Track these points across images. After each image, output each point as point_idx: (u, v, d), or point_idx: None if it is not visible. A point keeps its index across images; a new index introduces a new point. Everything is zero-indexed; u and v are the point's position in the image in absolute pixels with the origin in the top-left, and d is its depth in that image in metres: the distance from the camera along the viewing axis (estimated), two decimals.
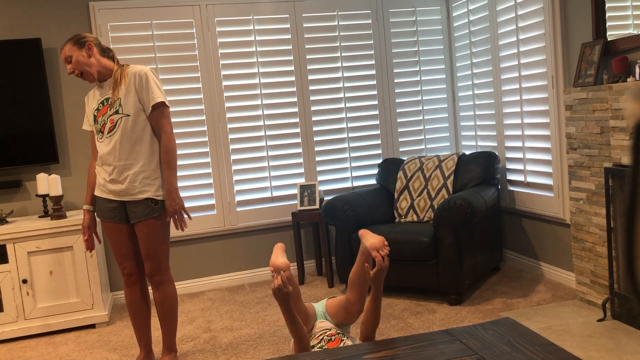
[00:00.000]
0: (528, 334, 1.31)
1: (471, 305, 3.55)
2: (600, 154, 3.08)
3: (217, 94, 4.33)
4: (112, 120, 2.78)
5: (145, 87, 2.77)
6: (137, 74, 2.78)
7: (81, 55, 2.77)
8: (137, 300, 2.98)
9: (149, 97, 2.77)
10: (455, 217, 3.49)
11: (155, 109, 2.79)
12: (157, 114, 2.80)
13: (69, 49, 2.77)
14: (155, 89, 2.79)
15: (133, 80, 2.78)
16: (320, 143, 4.57)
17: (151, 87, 2.77)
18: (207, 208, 4.37)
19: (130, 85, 2.78)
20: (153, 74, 2.82)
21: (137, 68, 2.81)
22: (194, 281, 4.39)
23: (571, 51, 3.51)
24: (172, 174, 2.79)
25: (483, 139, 4.49)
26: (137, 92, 2.78)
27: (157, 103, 2.78)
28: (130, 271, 2.94)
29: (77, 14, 4.08)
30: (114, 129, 2.78)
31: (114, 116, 2.78)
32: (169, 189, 2.78)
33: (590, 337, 2.90)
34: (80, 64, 2.78)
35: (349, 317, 2.56)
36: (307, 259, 4.58)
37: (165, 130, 2.80)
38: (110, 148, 2.79)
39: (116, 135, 2.77)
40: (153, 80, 2.80)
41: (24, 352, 3.45)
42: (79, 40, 2.79)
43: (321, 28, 4.52)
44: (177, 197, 2.80)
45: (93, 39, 2.83)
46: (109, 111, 2.80)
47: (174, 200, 2.78)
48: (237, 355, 3.12)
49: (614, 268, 3.08)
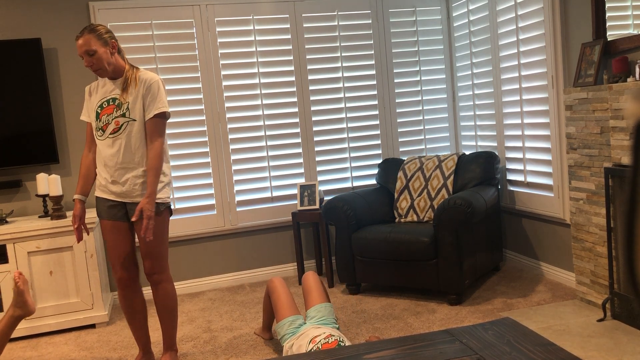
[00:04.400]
0: (528, 334, 1.31)
1: (471, 305, 3.55)
2: (600, 154, 3.08)
3: (217, 94, 4.33)
4: (117, 122, 2.79)
5: (152, 94, 2.79)
6: (147, 81, 2.80)
7: (106, 53, 2.76)
8: (131, 302, 2.97)
9: (154, 104, 2.79)
10: (455, 217, 3.49)
11: (157, 117, 2.80)
12: (158, 121, 2.81)
13: (93, 43, 2.73)
14: (164, 98, 2.83)
15: (143, 85, 2.80)
16: (320, 143, 4.57)
17: (161, 95, 2.81)
18: (207, 208, 4.37)
19: (140, 90, 2.79)
20: (162, 84, 2.86)
21: (149, 75, 2.83)
22: (194, 281, 4.39)
23: (571, 51, 3.51)
24: (157, 179, 2.78)
25: (483, 139, 4.49)
26: (143, 97, 2.79)
27: (161, 112, 2.81)
28: (121, 275, 2.91)
29: (77, 14, 4.08)
30: (119, 132, 2.79)
31: (120, 119, 2.79)
32: (151, 193, 2.75)
33: (590, 337, 2.90)
34: (103, 61, 2.76)
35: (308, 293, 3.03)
36: (307, 259, 4.58)
37: (160, 138, 2.81)
38: (114, 150, 2.80)
39: (121, 139, 2.79)
40: (163, 90, 2.84)
41: (24, 352, 3.45)
42: (101, 35, 2.76)
43: (321, 28, 4.52)
44: (154, 203, 2.76)
45: (113, 36, 2.82)
46: (115, 112, 2.80)
47: (153, 205, 2.75)
48: (237, 355, 3.12)
49: (614, 268, 3.08)
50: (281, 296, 2.99)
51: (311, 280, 3.04)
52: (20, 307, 2.62)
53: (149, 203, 2.73)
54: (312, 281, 3.03)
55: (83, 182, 2.92)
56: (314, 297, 2.96)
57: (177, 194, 4.29)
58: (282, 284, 3.06)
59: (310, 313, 2.91)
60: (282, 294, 3.00)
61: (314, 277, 3.05)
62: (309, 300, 2.98)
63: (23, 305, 2.63)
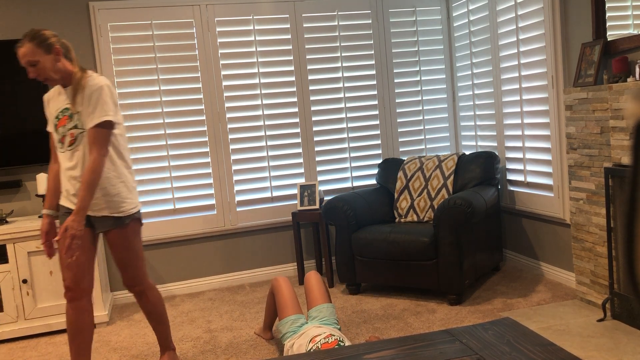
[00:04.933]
0: (528, 334, 1.31)
1: (471, 305, 3.55)
2: (600, 154, 3.08)
3: (217, 94, 4.33)
4: (72, 135, 2.60)
5: (94, 102, 2.53)
6: (90, 87, 2.54)
7: (50, 61, 2.52)
8: (75, 320, 2.65)
9: (95, 112, 2.52)
10: (455, 217, 3.49)
11: (98, 127, 2.53)
12: (98, 131, 2.53)
13: (32, 52, 2.49)
14: (108, 105, 2.54)
15: (87, 93, 2.54)
16: (320, 143, 4.57)
17: (103, 103, 2.53)
18: (207, 208, 4.37)
19: (85, 98, 2.55)
20: (109, 89, 2.58)
21: (94, 80, 2.56)
22: (194, 281, 4.39)
23: (571, 51, 3.51)
24: (90, 196, 2.49)
25: (483, 139, 4.49)
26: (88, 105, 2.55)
27: (103, 122, 2.53)
28: (70, 285, 2.62)
29: (77, 14, 4.08)
30: (75, 144, 2.60)
31: (74, 130, 2.59)
32: (79, 210, 2.46)
33: (590, 337, 2.90)
34: (48, 71, 2.53)
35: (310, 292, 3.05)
36: (307, 259, 4.58)
37: (100, 150, 2.52)
38: (73, 163, 2.61)
39: (79, 151, 2.59)
40: (107, 95, 2.55)
41: (24, 352, 3.45)
42: (43, 42, 2.51)
43: (321, 28, 4.52)
44: (83, 219, 2.48)
45: (57, 41, 2.56)
46: (68, 124, 2.60)
47: (79, 223, 2.46)
48: (237, 355, 3.12)
49: (614, 268, 3.08)
50: (285, 295, 2.99)
51: (313, 280, 3.03)
52: None
53: (75, 221, 2.44)
54: (314, 281, 3.03)
55: (51, 195, 2.73)
56: (316, 297, 2.96)
57: (177, 194, 4.29)
58: (286, 283, 3.06)
59: (311, 313, 2.91)
60: (286, 293, 3.00)
61: (316, 277, 3.05)
62: (310, 300, 2.98)
63: None
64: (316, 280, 3.04)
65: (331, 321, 2.85)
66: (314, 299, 2.96)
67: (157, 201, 4.26)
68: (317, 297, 2.96)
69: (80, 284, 2.62)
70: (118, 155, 2.67)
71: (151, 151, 4.22)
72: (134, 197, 2.73)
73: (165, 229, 4.28)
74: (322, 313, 2.88)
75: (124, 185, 2.67)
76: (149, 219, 4.26)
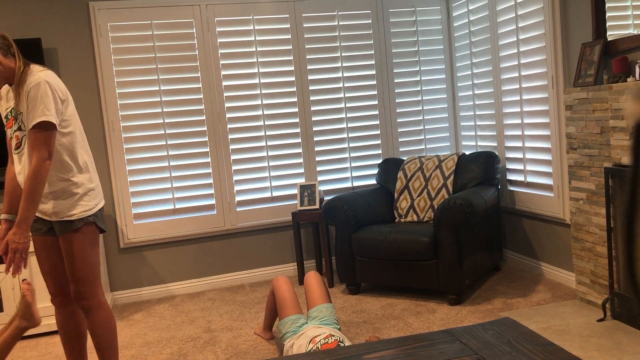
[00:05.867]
0: (528, 334, 1.31)
1: (471, 305, 3.55)
2: (600, 154, 3.08)
3: (217, 94, 4.33)
4: (17, 137, 2.41)
5: (32, 102, 2.29)
6: (28, 85, 2.31)
7: None
8: (66, 325, 2.61)
9: (32, 113, 2.29)
10: (455, 217, 3.49)
11: (35, 128, 2.29)
12: (36, 134, 2.29)
13: None
14: (45, 105, 2.30)
15: (26, 91, 2.32)
16: (320, 143, 4.57)
17: (40, 102, 2.29)
18: (207, 208, 4.37)
19: (24, 96, 2.33)
20: (48, 85, 2.32)
21: (34, 76, 2.32)
22: (194, 281, 4.39)
23: (571, 51, 3.51)
24: (32, 206, 2.27)
25: (483, 139, 4.49)
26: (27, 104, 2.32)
27: (40, 123, 2.28)
28: (54, 291, 2.56)
29: (77, 14, 4.08)
30: (20, 148, 2.40)
31: (18, 132, 2.40)
32: (21, 221, 2.26)
33: (590, 337, 2.90)
34: None
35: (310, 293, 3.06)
36: (307, 259, 4.58)
37: (39, 154, 2.28)
38: (19, 168, 2.42)
39: (24, 155, 2.39)
40: (46, 93, 2.31)
41: (24, 352, 3.45)
42: None
43: (321, 28, 4.52)
44: (25, 231, 2.28)
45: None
46: (13, 125, 2.41)
47: (22, 235, 2.27)
48: (237, 355, 3.12)
49: (614, 268, 3.08)
50: (285, 295, 2.99)
51: (313, 280, 3.03)
52: (26, 319, 2.45)
53: (16, 234, 2.26)
54: (314, 281, 3.03)
55: (9, 199, 2.51)
56: (316, 297, 2.96)
57: (177, 194, 4.29)
58: (287, 283, 3.06)
59: (311, 313, 2.91)
60: (287, 293, 3.00)
61: (316, 277, 3.05)
62: (310, 300, 2.98)
63: (30, 317, 2.45)
64: (316, 280, 3.03)
65: (331, 321, 2.85)
66: (314, 299, 2.96)
67: (157, 201, 4.26)
68: (317, 297, 2.96)
69: (64, 289, 2.57)
70: (70, 157, 2.43)
71: (151, 151, 4.22)
72: (89, 200, 2.48)
73: (165, 229, 4.28)
74: (322, 313, 2.88)
75: (77, 187, 2.44)
76: (149, 219, 4.26)
